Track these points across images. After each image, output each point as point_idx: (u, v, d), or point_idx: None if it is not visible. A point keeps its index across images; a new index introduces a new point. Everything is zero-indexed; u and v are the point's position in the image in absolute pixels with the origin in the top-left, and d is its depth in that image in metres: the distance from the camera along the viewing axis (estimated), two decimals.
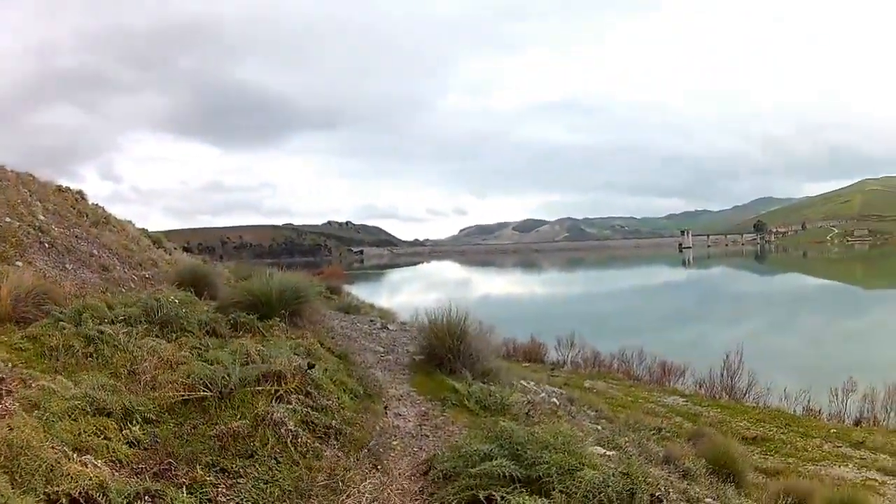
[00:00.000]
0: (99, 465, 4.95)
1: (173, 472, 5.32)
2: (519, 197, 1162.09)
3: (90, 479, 4.65)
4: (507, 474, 6.13)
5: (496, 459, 6.35)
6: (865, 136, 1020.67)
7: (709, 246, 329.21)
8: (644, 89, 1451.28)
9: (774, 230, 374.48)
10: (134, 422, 5.99)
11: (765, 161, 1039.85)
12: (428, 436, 8.41)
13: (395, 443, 7.89)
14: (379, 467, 6.96)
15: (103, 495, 4.58)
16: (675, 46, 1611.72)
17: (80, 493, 4.53)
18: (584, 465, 6.39)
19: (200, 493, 5.17)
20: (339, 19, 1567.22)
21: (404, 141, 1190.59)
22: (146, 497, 4.78)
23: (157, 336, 8.97)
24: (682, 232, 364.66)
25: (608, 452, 9.42)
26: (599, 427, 13.86)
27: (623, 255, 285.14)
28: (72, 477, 4.66)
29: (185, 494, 4.99)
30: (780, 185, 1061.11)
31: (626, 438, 12.63)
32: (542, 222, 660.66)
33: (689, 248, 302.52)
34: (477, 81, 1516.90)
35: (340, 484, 6.03)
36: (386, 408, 9.21)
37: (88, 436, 5.44)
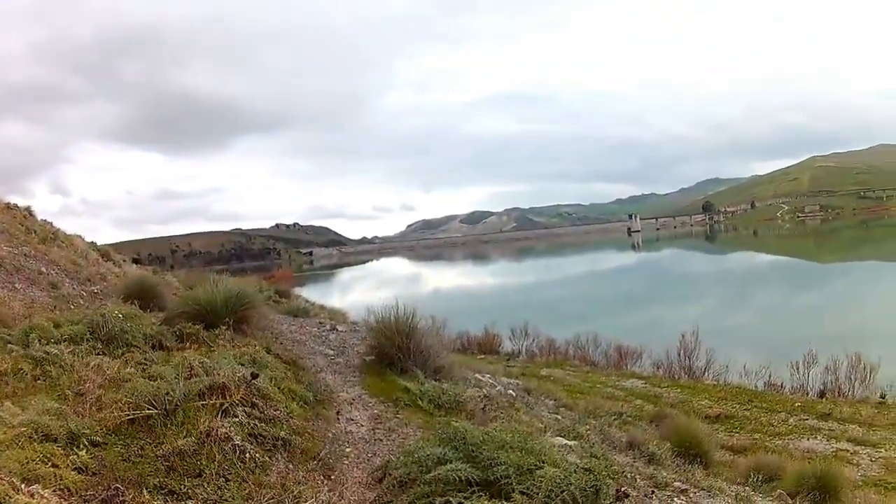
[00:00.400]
0: (46, 495, 4.84)
1: (121, 499, 5.21)
2: (465, 190, 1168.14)
3: None
4: (463, 478, 6.05)
5: (451, 463, 6.28)
6: (811, 114, 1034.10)
7: (657, 229, 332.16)
8: (594, 78, 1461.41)
9: (723, 210, 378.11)
10: (80, 446, 5.86)
11: (711, 143, 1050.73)
12: (382, 440, 8.41)
13: (348, 450, 7.85)
14: (332, 477, 6.91)
15: None
16: (627, 35, 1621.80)
17: None
18: (543, 462, 6.35)
19: None
20: (283, 20, 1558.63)
21: (350, 139, 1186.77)
22: None
23: (102, 353, 8.83)
24: (630, 216, 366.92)
25: (569, 443, 9.52)
26: (559, 416, 14.00)
27: (572, 242, 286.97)
28: None
29: None
30: (727, 166, 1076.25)
31: (588, 426, 12.72)
32: (489, 213, 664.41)
33: (638, 231, 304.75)
34: (423, 77, 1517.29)
35: (288, 501, 5.92)
36: (338, 413, 9.17)
37: (36, 464, 5.30)
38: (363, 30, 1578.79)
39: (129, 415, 6.60)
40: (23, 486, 4.86)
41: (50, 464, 5.43)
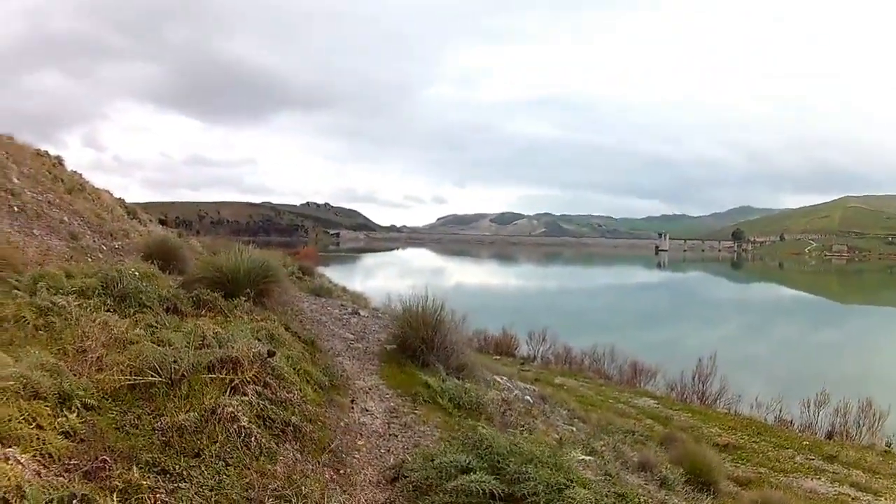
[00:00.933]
0: (24, 460, 4.29)
1: (107, 472, 4.60)
2: (498, 189, 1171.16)
3: (9, 480, 4.04)
4: (487, 491, 5.60)
5: (475, 473, 5.82)
6: (849, 153, 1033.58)
7: (685, 250, 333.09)
8: (635, 90, 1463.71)
9: (752, 239, 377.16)
10: (72, 408, 5.27)
11: (747, 171, 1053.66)
12: (396, 436, 7.93)
13: (360, 443, 7.40)
14: (341, 472, 6.43)
15: (20, 500, 3.95)
16: (671, 48, 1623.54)
17: None
18: (573, 481, 5.90)
19: (135, 499, 4.47)
20: (334, 2, 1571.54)
21: (387, 126, 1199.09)
22: None
23: (112, 311, 8.31)
24: (660, 235, 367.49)
25: (586, 458, 9.10)
26: (574, 428, 13.78)
27: (599, 254, 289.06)
28: None
29: (115, 503, 4.36)
30: (761, 195, 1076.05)
31: (602, 442, 12.48)
32: (520, 216, 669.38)
33: (665, 251, 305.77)
34: (465, 73, 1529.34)
35: (295, 498, 5.31)
36: (352, 401, 8.70)
37: (18, 423, 4.71)
38: (411, 21, 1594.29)
39: (129, 380, 6.06)
40: None
41: (34, 424, 4.84)
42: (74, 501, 4.16)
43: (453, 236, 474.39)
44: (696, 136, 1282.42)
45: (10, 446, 4.41)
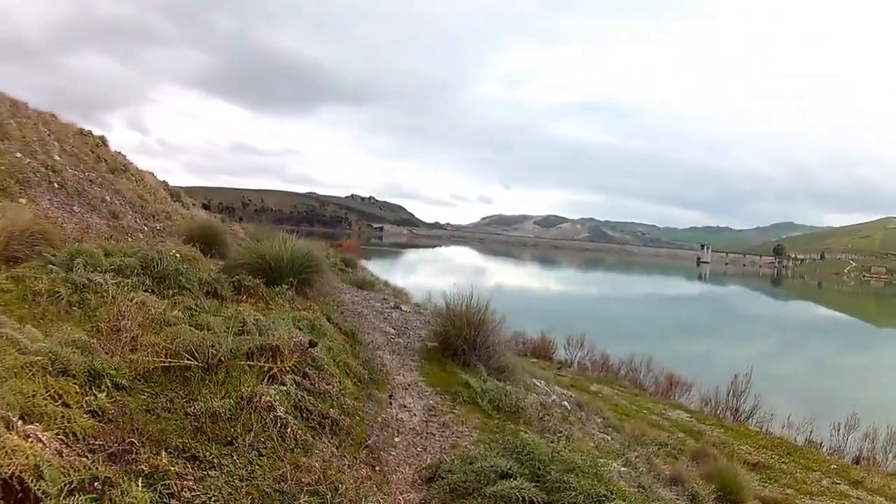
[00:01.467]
0: (45, 438, 4.06)
1: (134, 455, 4.37)
2: (543, 192, 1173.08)
3: (26, 458, 3.79)
4: (527, 498, 5.40)
5: (515, 479, 5.63)
6: (892, 173, 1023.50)
7: (726, 263, 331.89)
8: (683, 99, 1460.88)
9: (793, 256, 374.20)
10: (101, 388, 5.07)
11: (791, 186, 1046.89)
12: (434, 434, 7.74)
13: (397, 440, 7.21)
14: (377, 469, 6.20)
15: (37, 480, 3.70)
16: (722, 58, 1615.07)
17: (12, 474, 3.66)
18: (613, 493, 5.75)
19: (161, 485, 4.25)
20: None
21: (435, 123, 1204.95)
22: (91, 486, 3.92)
23: (150, 291, 8.11)
24: (702, 246, 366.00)
25: (620, 468, 8.95)
26: (608, 437, 13.57)
27: (641, 262, 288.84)
28: (7, 452, 3.75)
29: (139, 487, 4.08)
30: (804, 211, 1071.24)
31: (636, 453, 12.20)
32: (564, 220, 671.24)
33: (707, 263, 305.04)
34: (514, 72, 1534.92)
35: (330, 494, 5.03)
36: (391, 397, 8.54)
37: (43, 400, 4.49)
38: (462, 19, 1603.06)
39: (164, 362, 5.87)
40: (19, 423, 4.07)
41: (60, 402, 4.62)
42: (96, 484, 3.94)
43: (496, 237, 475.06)
44: (742, 149, 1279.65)
45: (31, 423, 4.19)
